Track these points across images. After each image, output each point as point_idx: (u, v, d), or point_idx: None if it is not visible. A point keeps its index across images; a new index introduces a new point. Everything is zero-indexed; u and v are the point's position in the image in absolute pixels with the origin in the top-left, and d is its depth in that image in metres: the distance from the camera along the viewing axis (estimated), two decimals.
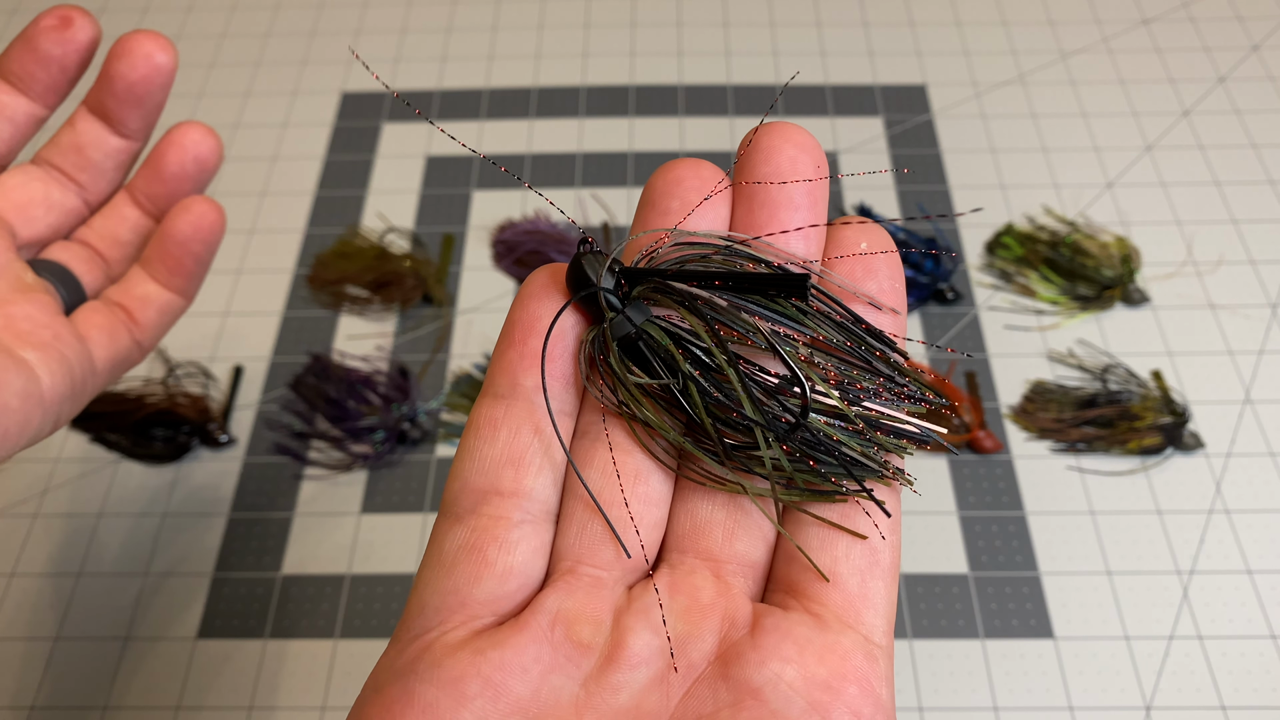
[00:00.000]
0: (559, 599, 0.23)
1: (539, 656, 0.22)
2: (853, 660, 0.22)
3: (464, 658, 0.22)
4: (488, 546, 0.23)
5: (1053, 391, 0.62)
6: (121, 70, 0.37)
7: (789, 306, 0.25)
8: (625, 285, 0.25)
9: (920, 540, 0.57)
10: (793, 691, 0.22)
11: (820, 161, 0.26)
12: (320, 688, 0.53)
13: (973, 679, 0.52)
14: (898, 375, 0.25)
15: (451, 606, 0.23)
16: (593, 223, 0.71)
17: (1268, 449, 0.60)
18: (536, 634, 0.22)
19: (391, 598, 0.56)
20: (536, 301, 0.25)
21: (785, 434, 0.24)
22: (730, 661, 0.23)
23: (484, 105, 0.79)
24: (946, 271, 0.67)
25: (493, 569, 0.23)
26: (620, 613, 0.23)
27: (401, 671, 0.22)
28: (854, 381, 0.25)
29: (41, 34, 0.36)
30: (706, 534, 0.25)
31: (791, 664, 0.22)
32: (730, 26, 0.84)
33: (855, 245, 0.26)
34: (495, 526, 0.24)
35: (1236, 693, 0.51)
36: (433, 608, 0.23)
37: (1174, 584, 0.55)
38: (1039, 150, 0.75)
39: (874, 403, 0.25)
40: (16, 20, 0.87)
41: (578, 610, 0.23)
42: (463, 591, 0.23)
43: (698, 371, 0.24)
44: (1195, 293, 0.67)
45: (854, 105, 0.78)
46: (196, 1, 0.88)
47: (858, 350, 0.25)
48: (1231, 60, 0.80)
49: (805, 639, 0.23)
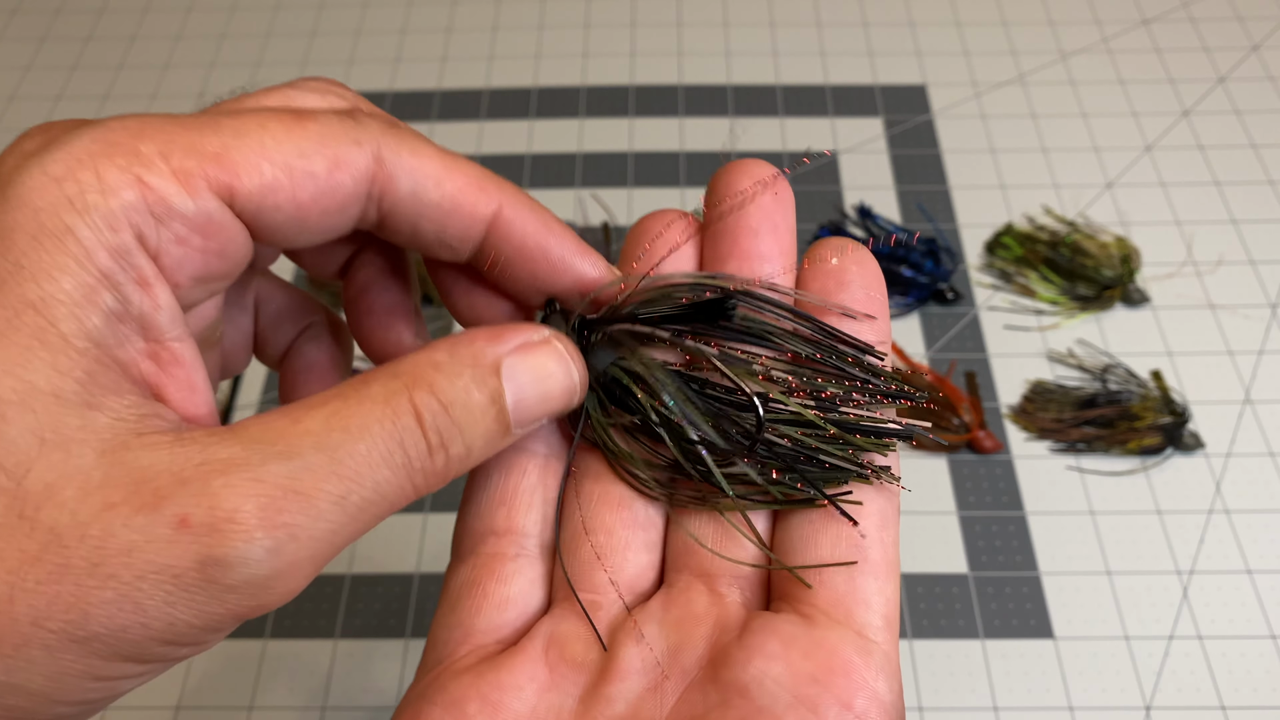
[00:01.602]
0: (554, 623, 0.25)
1: (534, 675, 0.23)
2: (841, 654, 0.23)
3: (466, 680, 0.23)
4: (486, 581, 0.25)
5: (1053, 391, 0.62)
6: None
7: (760, 324, 0.26)
8: (589, 334, 0.27)
9: (920, 540, 0.57)
10: (779, 687, 0.22)
11: (781, 189, 0.28)
12: (320, 688, 0.53)
13: (972, 679, 0.52)
14: (873, 377, 0.26)
15: (458, 638, 0.25)
16: (592, 223, 0.71)
17: (1267, 449, 0.60)
18: (532, 655, 0.24)
19: (391, 598, 0.56)
20: None
21: (746, 449, 0.25)
22: (719, 663, 0.23)
23: (484, 105, 0.79)
24: (946, 271, 0.67)
25: (491, 600, 0.25)
26: (615, 629, 0.25)
27: (414, 698, 0.24)
28: (821, 390, 0.26)
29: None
30: (697, 550, 0.26)
31: (777, 660, 0.23)
32: (730, 26, 0.84)
33: (830, 262, 0.28)
34: (492, 563, 0.26)
35: (1236, 693, 0.51)
36: (443, 640, 0.25)
37: (1174, 584, 0.55)
38: (1039, 150, 0.75)
39: (850, 406, 0.26)
40: (17, 20, 0.87)
41: (571, 632, 0.24)
42: (467, 624, 0.25)
43: (658, 402, 0.26)
44: (1195, 293, 0.67)
45: (854, 105, 0.78)
46: (197, 2, 0.88)
47: (829, 359, 0.26)
48: (1231, 60, 0.80)
49: (791, 636, 0.23)
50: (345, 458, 0.21)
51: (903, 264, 0.66)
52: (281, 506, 0.20)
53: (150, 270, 0.21)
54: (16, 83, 0.82)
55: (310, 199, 0.23)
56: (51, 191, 0.20)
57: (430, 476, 0.22)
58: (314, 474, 0.20)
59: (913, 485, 0.59)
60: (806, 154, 0.74)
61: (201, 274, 0.23)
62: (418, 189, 0.24)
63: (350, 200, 0.24)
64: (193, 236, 0.22)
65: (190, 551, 0.19)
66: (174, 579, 0.19)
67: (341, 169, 0.23)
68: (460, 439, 0.22)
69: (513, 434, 0.24)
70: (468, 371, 0.23)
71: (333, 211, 0.24)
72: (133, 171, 0.21)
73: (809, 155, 0.74)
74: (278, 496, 0.20)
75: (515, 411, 0.23)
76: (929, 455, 0.60)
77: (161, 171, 0.21)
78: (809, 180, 0.74)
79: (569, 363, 0.25)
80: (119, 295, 0.21)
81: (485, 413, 0.23)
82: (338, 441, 0.21)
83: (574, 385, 0.25)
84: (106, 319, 0.20)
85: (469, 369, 0.23)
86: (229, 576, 0.19)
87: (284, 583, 0.20)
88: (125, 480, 0.19)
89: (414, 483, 0.22)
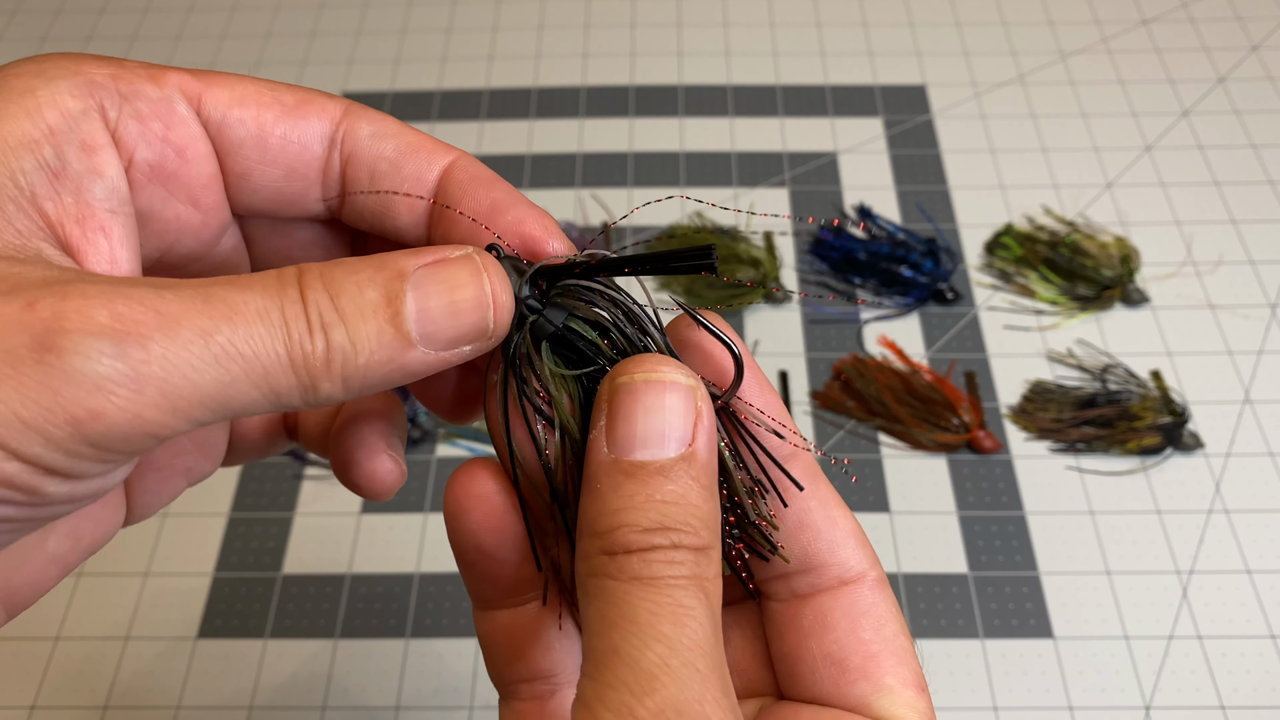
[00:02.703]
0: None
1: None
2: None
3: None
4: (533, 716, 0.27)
5: (1052, 391, 0.62)
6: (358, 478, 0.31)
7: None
8: (542, 287, 0.26)
9: (920, 540, 0.57)
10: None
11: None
12: (320, 688, 0.53)
13: (972, 679, 0.52)
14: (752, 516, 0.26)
15: None
16: (592, 223, 0.71)
17: (1267, 449, 0.60)
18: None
19: (392, 598, 0.56)
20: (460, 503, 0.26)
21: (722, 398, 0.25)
22: None
23: (484, 105, 0.79)
24: (946, 271, 0.67)
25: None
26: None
27: None
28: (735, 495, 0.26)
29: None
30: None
31: None
32: (730, 27, 0.84)
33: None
34: (533, 706, 0.28)
35: (1236, 692, 0.52)
36: None
37: (1173, 584, 0.55)
38: (1038, 150, 0.75)
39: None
40: (17, 20, 0.87)
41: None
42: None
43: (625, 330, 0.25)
44: (1195, 293, 0.67)
45: (854, 105, 0.78)
46: (197, 2, 0.88)
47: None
48: (1231, 60, 0.80)
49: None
50: (218, 300, 0.20)
51: (903, 264, 0.67)
52: (139, 318, 0.19)
53: (102, 139, 0.22)
54: None
55: (274, 118, 0.24)
56: (29, 66, 0.22)
57: (311, 359, 0.21)
58: (182, 303, 0.20)
59: (913, 485, 0.59)
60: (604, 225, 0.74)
61: (157, 161, 0.24)
62: (378, 133, 0.26)
63: (314, 135, 0.25)
64: (153, 120, 0.23)
65: (29, 327, 0.19)
66: (8, 353, 0.18)
67: (310, 104, 0.25)
68: (343, 329, 0.21)
69: (418, 347, 0.22)
70: (367, 271, 0.22)
71: (294, 141, 0.25)
72: (112, 66, 0.23)
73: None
74: (137, 309, 0.19)
75: (419, 321, 0.22)
76: (929, 455, 0.60)
77: (136, 69, 0.23)
78: (809, 180, 0.74)
79: (484, 277, 0.23)
80: (59, 152, 0.22)
81: (376, 310, 0.22)
82: (217, 290, 0.20)
83: (486, 300, 0.23)
84: (40, 169, 0.21)
85: (369, 269, 0.22)
86: (64, 362, 0.18)
87: (129, 394, 0.19)
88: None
89: (290, 355, 0.21)
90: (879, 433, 0.61)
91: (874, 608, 0.25)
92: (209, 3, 0.88)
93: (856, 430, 0.61)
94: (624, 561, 0.21)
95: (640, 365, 0.23)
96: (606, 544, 0.22)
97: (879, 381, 0.62)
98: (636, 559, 0.21)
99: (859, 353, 0.64)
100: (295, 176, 0.25)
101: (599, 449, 0.23)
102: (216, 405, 0.20)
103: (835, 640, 0.25)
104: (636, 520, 0.22)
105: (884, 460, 0.60)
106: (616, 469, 0.23)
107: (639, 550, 0.21)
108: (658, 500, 0.22)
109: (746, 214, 0.71)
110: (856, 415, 0.62)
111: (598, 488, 0.23)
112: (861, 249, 0.68)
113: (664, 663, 0.20)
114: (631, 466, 0.22)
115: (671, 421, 0.23)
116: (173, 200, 0.24)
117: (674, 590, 0.21)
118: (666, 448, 0.23)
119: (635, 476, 0.22)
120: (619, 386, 0.23)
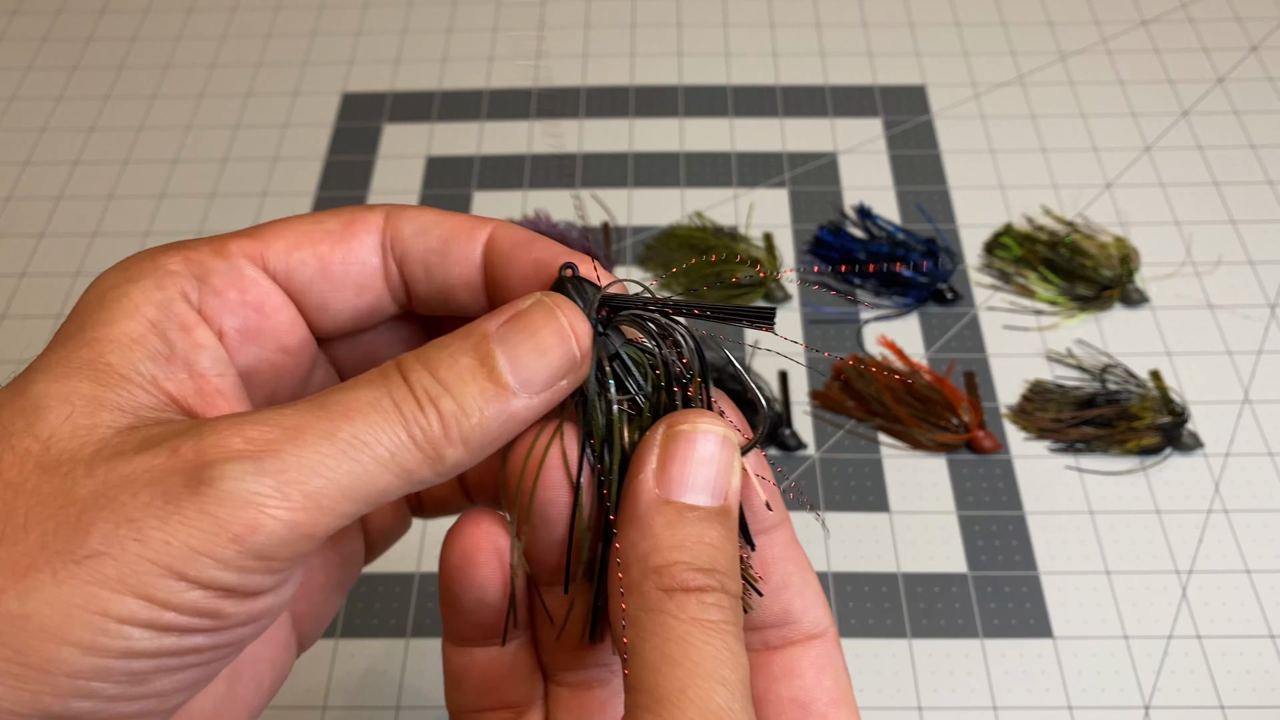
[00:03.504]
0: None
1: None
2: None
3: None
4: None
5: (1052, 391, 0.62)
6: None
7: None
8: (602, 312, 0.27)
9: (919, 540, 0.57)
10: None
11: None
12: (320, 688, 0.53)
13: (972, 678, 0.52)
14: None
15: None
16: (592, 223, 0.71)
17: (1266, 449, 0.60)
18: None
19: (392, 597, 0.56)
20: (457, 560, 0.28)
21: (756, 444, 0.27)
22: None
23: (484, 106, 0.79)
24: (946, 271, 0.67)
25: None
26: None
27: None
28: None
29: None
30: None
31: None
32: (730, 27, 0.84)
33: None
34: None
35: (1235, 692, 0.52)
36: None
37: (1173, 584, 0.55)
38: (1038, 151, 0.75)
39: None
40: (17, 20, 0.87)
41: None
42: None
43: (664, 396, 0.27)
44: (1194, 293, 0.67)
45: (853, 106, 0.78)
46: (198, 2, 0.88)
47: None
48: (1230, 61, 0.80)
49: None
50: (333, 404, 0.22)
51: (902, 264, 0.67)
52: (269, 437, 0.21)
53: (192, 317, 0.25)
54: (17, 83, 0.83)
55: (329, 249, 0.27)
56: (116, 276, 0.25)
57: (430, 432, 0.23)
58: (301, 416, 0.22)
59: (912, 485, 0.59)
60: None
61: (243, 325, 0.27)
62: (420, 229, 0.28)
63: (368, 251, 0.28)
64: (228, 289, 0.26)
65: (179, 469, 0.21)
66: (164, 494, 0.20)
67: (355, 224, 0.28)
68: (449, 397, 0.23)
69: (519, 394, 0.24)
70: (456, 342, 0.24)
71: (353, 262, 0.27)
72: (181, 252, 0.26)
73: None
74: (265, 430, 0.22)
75: (513, 370, 0.24)
76: (929, 455, 0.60)
77: (201, 248, 0.26)
78: (809, 180, 0.74)
79: (557, 312, 0.25)
80: (164, 339, 0.24)
81: (474, 373, 0.24)
82: (329, 397, 0.23)
83: (566, 331, 0.25)
84: (153, 357, 0.24)
85: (457, 340, 0.24)
86: (215, 489, 0.20)
87: (277, 502, 0.21)
88: (137, 440, 0.22)
89: (410, 433, 0.23)
90: (878, 433, 0.61)
91: (835, 661, 0.28)
92: (209, 3, 0.88)
93: (856, 430, 0.61)
94: (683, 600, 0.23)
95: (700, 418, 0.26)
96: (664, 580, 0.23)
97: (878, 381, 0.62)
98: (695, 601, 0.23)
99: (859, 353, 0.64)
100: (365, 290, 0.28)
101: (647, 487, 0.25)
102: (358, 495, 0.22)
103: (802, 687, 0.27)
104: (692, 559, 0.24)
105: (884, 460, 0.60)
106: (670, 508, 0.24)
107: (696, 590, 0.23)
108: (706, 543, 0.24)
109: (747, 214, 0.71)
110: (856, 415, 0.62)
111: (650, 524, 0.24)
112: (861, 249, 0.68)
113: (728, 707, 0.22)
114: (683, 508, 0.24)
115: (721, 474, 0.25)
116: (265, 353, 0.27)
117: (727, 635, 0.23)
118: (713, 497, 0.25)
119: (686, 518, 0.24)
120: (678, 433, 0.25)
